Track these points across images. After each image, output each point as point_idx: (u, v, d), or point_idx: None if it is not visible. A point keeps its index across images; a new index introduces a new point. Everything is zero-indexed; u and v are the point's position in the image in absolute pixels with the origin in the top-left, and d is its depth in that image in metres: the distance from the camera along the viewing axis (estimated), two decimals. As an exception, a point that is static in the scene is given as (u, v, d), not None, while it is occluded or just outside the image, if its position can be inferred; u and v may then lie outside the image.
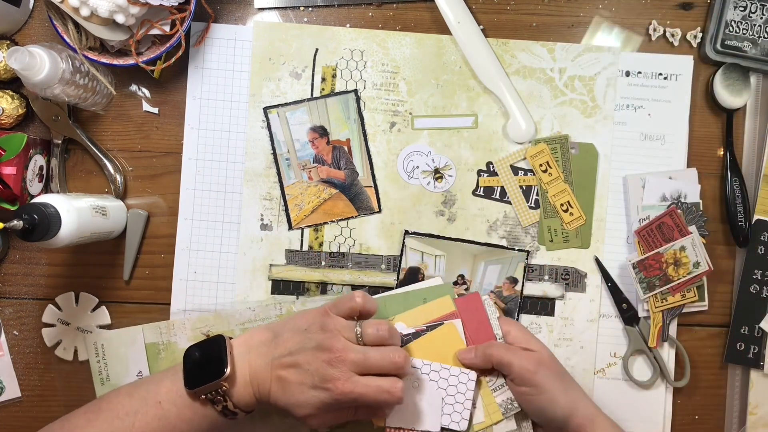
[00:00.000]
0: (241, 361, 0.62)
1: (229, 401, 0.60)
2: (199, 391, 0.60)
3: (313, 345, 0.60)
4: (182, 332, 0.75)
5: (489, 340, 0.69)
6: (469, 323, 0.69)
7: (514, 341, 0.69)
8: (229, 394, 0.60)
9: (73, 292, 0.77)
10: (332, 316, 0.62)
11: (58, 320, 0.77)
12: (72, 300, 0.77)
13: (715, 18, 0.77)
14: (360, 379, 0.59)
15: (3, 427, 0.77)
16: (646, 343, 0.77)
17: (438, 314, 0.70)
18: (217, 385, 0.60)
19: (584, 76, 0.78)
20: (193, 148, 0.77)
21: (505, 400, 0.68)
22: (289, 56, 0.77)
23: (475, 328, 0.69)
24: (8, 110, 0.73)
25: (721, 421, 0.79)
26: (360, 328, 0.61)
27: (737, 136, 0.79)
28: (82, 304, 0.77)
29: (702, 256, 0.75)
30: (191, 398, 0.61)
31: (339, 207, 0.77)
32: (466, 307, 0.70)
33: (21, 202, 0.72)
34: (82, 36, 0.70)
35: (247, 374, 0.61)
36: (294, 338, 0.61)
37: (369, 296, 0.64)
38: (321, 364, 0.59)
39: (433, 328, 0.69)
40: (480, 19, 0.78)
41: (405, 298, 0.71)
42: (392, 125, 0.77)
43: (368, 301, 0.63)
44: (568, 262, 0.78)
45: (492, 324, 0.70)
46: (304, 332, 0.61)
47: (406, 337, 0.68)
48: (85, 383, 0.76)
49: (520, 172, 0.78)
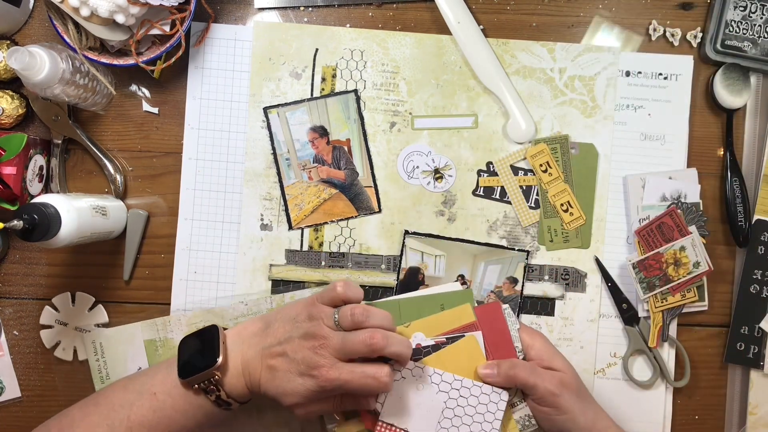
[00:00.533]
0: (233, 352, 0.62)
1: (222, 391, 0.61)
2: (192, 380, 0.61)
3: (300, 334, 0.60)
4: (178, 328, 0.75)
5: (509, 352, 0.67)
6: (489, 334, 0.67)
7: (537, 357, 0.67)
8: (221, 383, 0.61)
9: (69, 293, 0.77)
10: (318, 305, 0.62)
11: (56, 321, 0.77)
12: (69, 300, 0.77)
13: (715, 18, 0.77)
14: (345, 365, 0.59)
15: (3, 427, 0.77)
16: (646, 343, 0.77)
17: (457, 324, 0.68)
18: (210, 374, 0.60)
19: (584, 76, 0.78)
20: (193, 148, 0.77)
21: (522, 417, 0.67)
22: (289, 56, 0.77)
23: (495, 339, 0.67)
24: (8, 110, 0.73)
25: (721, 421, 0.79)
26: (337, 315, 0.61)
27: (737, 136, 0.79)
28: (79, 303, 0.77)
29: (702, 256, 0.75)
30: (185, 388, 0.62)
31: (339, 207, 0.77)
32: (485, 317, 0.68)
33: (21, 202, 0.72)
34: (82, 36, 0.70)
35: (240, 364, 0.62)
36: (283, 327, 0.62)
37: (352, 284, 0.63)
38: (307, 352, 0.59)
39: (452, 339, 0.67)
40: (480, 19, 0.78)
41: (421, 303, 0.69)
42: (392, 125, 0.77)
43: (349, 289, 0.62)
44: (568, 262, 0.78)
45: (513, 336, 0.68)
46: (293, 321, 0.62)
47: (425, 349, 0.66)
48: (85, 383, 0.76)
49: (520, 172, 0.78)
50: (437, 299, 0.69)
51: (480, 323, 0.68)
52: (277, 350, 0.61)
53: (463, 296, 0.69)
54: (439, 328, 0.68)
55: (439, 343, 0.66)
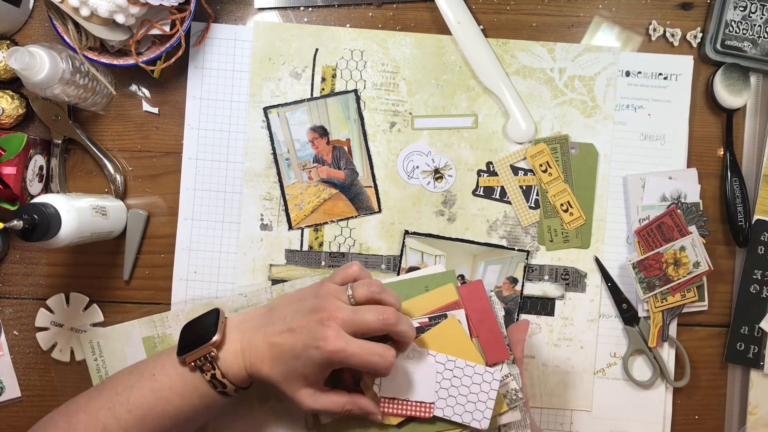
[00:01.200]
0: (233, 332, 0.62)
1: (217, 369, 0.60)
2: (188, 357, 0.61)
3: (307, 309, 0.60)
4: (176, 324, 0.75)
5: (493, 329, 0.68)
6: (473, 312, 0.69)
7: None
8: (216, 361, 0.61)
9: (63, 294, 0.77)
10: (326, 284, 0.62)
11: (51, 323, 0.77)
12: (63, 301, 0.77)
13: (715, 18, 0.77)
14: (352, 339, 0.58)
15: (3, 427, 0.77)
16: (646, 343, 0.77)
17: (441, 303, 0.69)
18: (206, 351, 0.60)
19: (584, 76, 0.78)
20: (193, 148, 0.77)
21: (509, 391, 0.68)
22: (289, 56, 0.77)
23: (479, 317, 0.69)
24: (8, 110, 0.73)
25: (721, 421, 0.79)
26: (351, 290, 0.61)
27: (737, 136, 0.79)
28: (73, 304, 0.77)
29: (702, 256, 0.75)
30: (182, 366, 0.61)
31: (339, 207, 0.77)
32: (469, 296, 0.69)
33: (21, 202, 0.72)
34: (82, 36, 0.70)
35: (238, 343, 0.61)
36: (289, 307, 0.62)
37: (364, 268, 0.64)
38: (313, 324, 0.58)
39: (435, 319, 0.68)
40: (480, 19, 0.78)
41: (407, 286, 0.70)
42: (392, 125, 0.77)
43: (363, 271, 0.64)
44: (568, 262, 0.78)
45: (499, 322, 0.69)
46: (299, 301, 0.62)
47: None
48: (85, 382, 0.76)
49: (520, 172, 0.78)
50: (422, 281, 0.70)
51: (463, 301, 0.69)
52: (282, 327, 0.60)
53: (446, 277, 0.70)
54: (424, 308, 0.69)
55: (423, 326, 0.67)
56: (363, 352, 0.58)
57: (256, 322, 0.63)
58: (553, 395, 0.77)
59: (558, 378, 0.77)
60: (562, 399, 0.77)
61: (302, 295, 0.63)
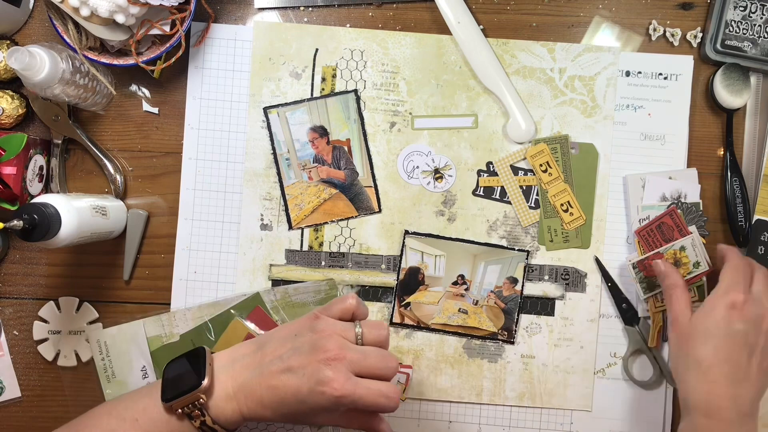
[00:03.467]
0: (222, 374, 0.59)
1: (207, 416, 0.57)
2: (175, 404, 0.57)
3: (307, 348, 0.57)
4: (184, 323, 0.75)
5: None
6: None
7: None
8: (207, 407, 0.57)
9: (52, 301, 0.76)
10: (324, 318, 0.59)
11: (49, 332, 0.76)
12: (54, 308, 0.76)
13: (715, 18, 0.77)
14: (360, 381, 0.56)
15: (3, 427, 0.77)
16: (646, 343, 0.77)
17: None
18: (194, 398, 0.57)
19: (584, 76, 0.78)
20: (193, 148, 0.77)
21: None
22: (289, 56, 0.77)
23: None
24: (8, 110, 0.73)
25: (721, 421, 0.79)
26: (361, 328, 0.58)
27: (737, 136, 0.79)
28: (65, 308, 0.76)
29: (702, 256, 0.75)
30: (168, 413, 0.58)
31: (339, 207, 0.77)
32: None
33: (21, 202, 0.72)
34: (82, 36, 0.70)
35: (230, 387, 0.58)
36: (283, 345, 0.58)
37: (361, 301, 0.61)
38: (317, 365, 0.55)
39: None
40: (480, 19, 0.78)
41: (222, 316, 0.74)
42: (392, 125, 0.77)
43: (361, 304, 0.61)
44: (568, 262, 0.78)
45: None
46: (294, 338, 0.58)
47: None
48: (85, 382, 0.76)
49: (520, 172, 0.78)
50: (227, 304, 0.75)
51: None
52: (280, 367, 0.57)
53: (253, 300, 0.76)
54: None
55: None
56: (371, 395, 0.56)
57: (247, 362, 0.59)
58: (553, 395, 0.77)
59: (558, 378, 0.77)
60: (562, 399, 0.77)
61: (296, 329, 0.59)
